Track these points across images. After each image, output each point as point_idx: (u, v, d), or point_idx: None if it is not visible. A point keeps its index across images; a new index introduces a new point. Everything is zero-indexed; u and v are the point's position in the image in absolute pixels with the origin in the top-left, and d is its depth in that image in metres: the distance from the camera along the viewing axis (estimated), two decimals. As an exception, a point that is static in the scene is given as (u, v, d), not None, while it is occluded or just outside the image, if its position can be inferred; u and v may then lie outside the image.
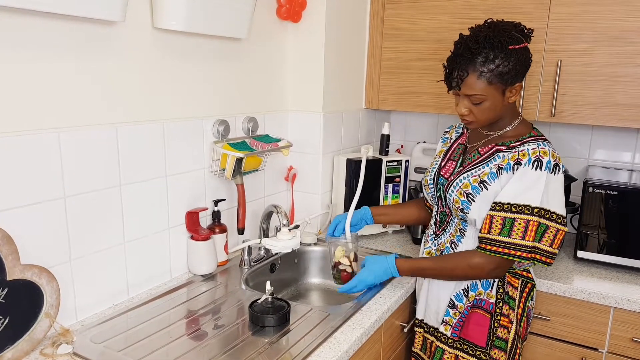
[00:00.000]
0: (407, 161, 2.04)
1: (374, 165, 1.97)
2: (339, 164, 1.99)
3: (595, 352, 1.60)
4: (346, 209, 1.99)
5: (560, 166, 1.30)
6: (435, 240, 1.51)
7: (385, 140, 2.04)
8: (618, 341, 1.57)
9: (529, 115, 1.84)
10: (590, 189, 1.71)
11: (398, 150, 2.46)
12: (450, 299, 1.44)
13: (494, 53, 1.25)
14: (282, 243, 1.54)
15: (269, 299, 1.31)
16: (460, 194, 1.37)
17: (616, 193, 1.68)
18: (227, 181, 1.68)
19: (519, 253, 1.29)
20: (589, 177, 1.77)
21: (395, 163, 2.01)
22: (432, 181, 1.51)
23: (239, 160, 1.59)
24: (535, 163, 1.28)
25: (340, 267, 1.55)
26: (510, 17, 1.78)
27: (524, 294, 1.41)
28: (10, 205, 1.10)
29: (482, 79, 1.27)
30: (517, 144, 1.34)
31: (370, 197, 1.98)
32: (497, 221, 1.30)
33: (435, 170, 1.51)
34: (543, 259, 1.31)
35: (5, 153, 1.07)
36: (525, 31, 1.32)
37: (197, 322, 1.30)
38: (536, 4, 1.77)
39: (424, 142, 2.39)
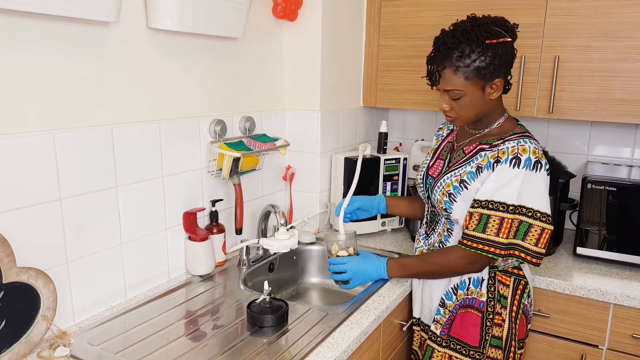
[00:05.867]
0: (405, 159, 2.04)
1: (372, 164, 1.96)
2: (337, 163, 1.99)
3: (596, 349, 1.60)
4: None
5: (543, 163, 1.27)
6: (426, 239, 1.52)
7: (383, 138, 2.04)
8: (618, 338, 1.56)
9: (527, 112, 1.83)
10: (590, 185, 1.70)
11: (396, 148, 2.45)
12: (441, 298, 1.44)
13: (470, 47, 1.23)
14: (280, 243, 1.54)
15: (267, 299, 1.31)
16: (443, 194, 1.37)
17: (615, 189, 1.67)
18: (225, 181, 1.68)
19: (492, 249, 1.28)
20: (588, 173, 1.76)
21: (394, 161, 2.00)
22: (421, 180, 1.51)
23: (236, 160, 1.59)
24: (513, 161, 1.26)
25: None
26: (507, 13, 1.78)
27: (518, 292, 1.39)
28: (6, 208, 1.09)
29: (459, 73, 1.26)
30: (499, 142, 1.32)
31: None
32: (474, 217, 1.30)
33: (424, 169, 1.52)
34: (528, 257, 1.30)
35: (0, 155, 1.07)
36: (509, 26, 1.29)
37: (195, 322, 1.30)
38: (533, 0, 1.76)
39: (422, 139, 2.38)
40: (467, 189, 1.33)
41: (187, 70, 1.50)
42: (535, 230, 1.28)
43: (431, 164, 1.51)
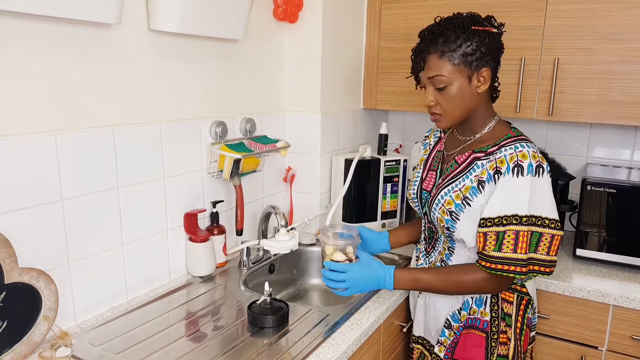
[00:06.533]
0: (405, 160, 2.04)
1: (372, 165, 1.97)
2: (337, 165, 1.99)
3: (595, 350, 1.60)
4: (345, 211, 1.99)
5: (544, 166, 1.21)
6: (426, 257, 1.43)
7: (383, 140, 2.04)
8: (617, 339, 1.56)
9: (527, 114, 1.84)
10: (589, 187, 1.71)
11: (397, 150, 2.45)
12: (447, 319, 1.36)
13: (455, 33, 1.20)
14: (280, 244, 1.54)
15: (268, 300, 1.31)
16: (444, 212, 1.29)
17: (615, 191, 1.67)
18: (225, 182, 1.68)
19: (512, 268, 1.20)
20: (588, 175, 1.77)
21: (394, 163, 2.01)
22: (415, 195, 1.43)
23: (237, 162, 1.59)
24: (515, 169, 1.19)
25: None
26: (507, 15, 1.80)
27: (521, 308, 1.32)
28: (8, 209, 1.10)
29: (444, 58, 1.21)
30: (494, 148, 1.25)
31: (368, 197, 1.98)
32: (490, 237, 1.21)
33: (417, 183, 1.44)
34: (542, 269, 1.22)
35: (1, 156, 1.07)
36: (495, 24, 1.26)
37: (196, 323, 1.30)
38: (533, 2, 1.77)
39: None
40: (470, 205, 1.25)
41: (188, 71, 1.51)
42: (546, 239, 1.21)
43: (424, 176, 1.42)
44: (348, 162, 1.94)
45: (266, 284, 1.33)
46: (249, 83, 1.76)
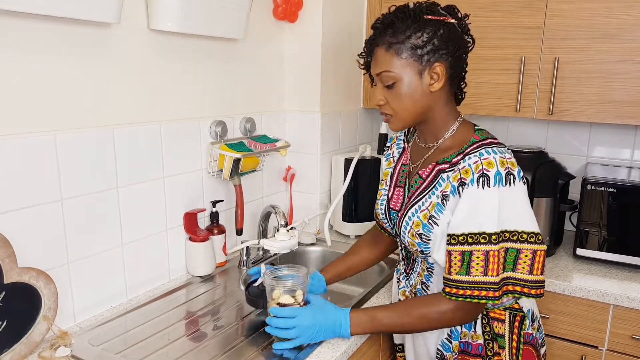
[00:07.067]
0: (405, 160, 2.04)
1: (372, 165, 1.97)
2: (337, 164, 1.99)
3: (595, 350, 1.60)
4: (345, 210, 1.99)
5: (515, 173, 1.06)
6: (407, 280, 1.30)
7: (383, 139, 2.04)
8: (618, 339, 1.56)
9: (527, 113, 1.83)
10: (589, 187, 1.70)
11: (397, 150, 2.45)
12: (438, 350, 1.22)
13: (405, 23, 1.08)
14: (280, 244, 1.53)
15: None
16: (413, 235, 1.16)
17: (615, 190, 1.67)
18: (225, 182, 1.68)
19: (484, 293, 1.06)
20: (588, 175, 1.77)
21: (394, 162, 2.01)
22: (384, 215, 1.30)
23: (237, 161, 1.59)
24: (481, 180, 1.05)
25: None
26: (506, 14, 1.80)
27: (515, 325, 1.18)
28: (7, 208, 1.10)
29: (391, 50, 1.09)
30: (458, 158, 1.12)
31: (368, 197, 1.98)
32: (455, 257, 1.08)
33: (384, 201, 1.30)
34: (525, 290, 1.09)
35: (1, 156, 1.07)
36: (459, 15, 1.13)
37: (196, 323, 1.30)
38: (533, 2, 1.76)
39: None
40: (438, 225, 1.12)
41: (187, 71, 1.51)
42: (526, 256, 1.08)
43: (390, 194, 1.29)
44: (348, 162, 1.94)
45: (262, 265, 1.29)
46: (248, 82, 1.76)
